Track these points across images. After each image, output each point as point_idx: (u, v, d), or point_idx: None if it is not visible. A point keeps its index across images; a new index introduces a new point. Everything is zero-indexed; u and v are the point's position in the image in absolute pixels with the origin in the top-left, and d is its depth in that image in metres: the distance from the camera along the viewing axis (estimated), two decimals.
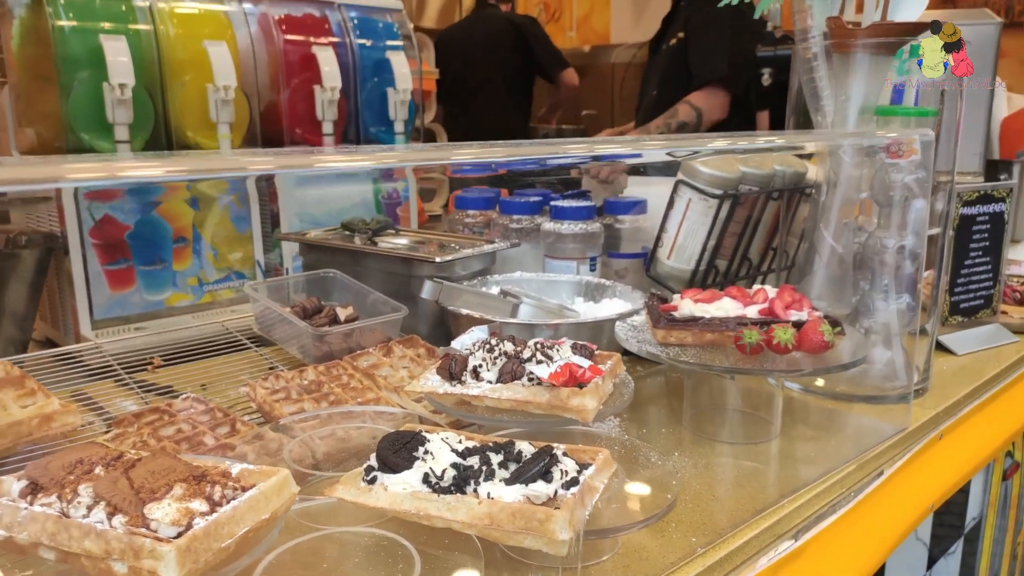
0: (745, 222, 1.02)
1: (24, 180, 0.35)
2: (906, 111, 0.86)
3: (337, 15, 1.82)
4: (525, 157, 0.57)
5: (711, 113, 2.15)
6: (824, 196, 0.93)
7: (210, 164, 0.45)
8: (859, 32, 0.83)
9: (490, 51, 3.49)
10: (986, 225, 1.11)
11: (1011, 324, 1.18)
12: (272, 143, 1.77)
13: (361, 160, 0.47)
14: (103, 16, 1.49)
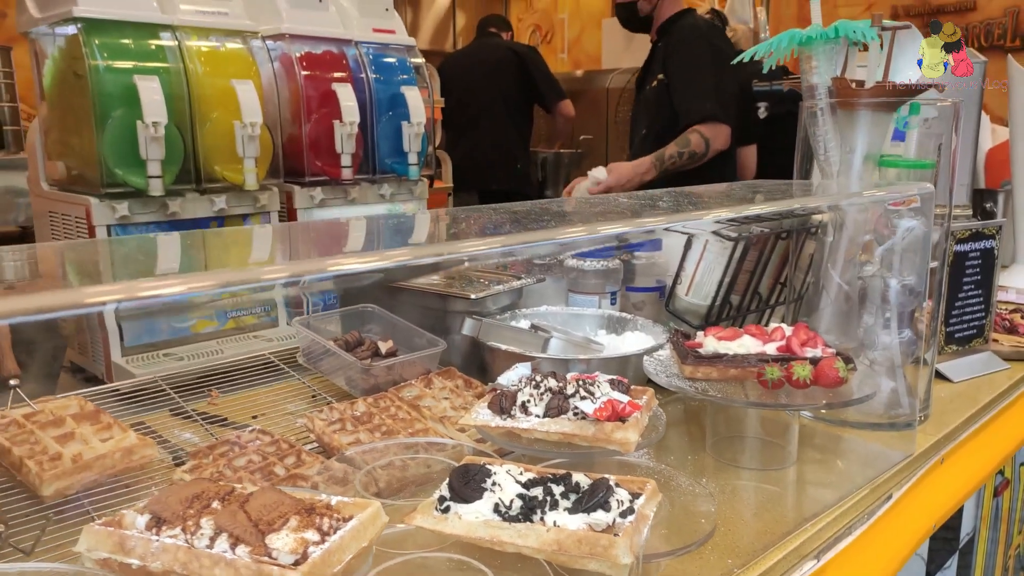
0: (757, 259, 1.10)
1: (47, 308, 0.38)
2: (906, 163, 0.94)
3: (354, 52, 1.90)
4: (546, 241, 0.63)
5: (716, 143, 2.23)
6: (831, 237, 1.01)
7: (242, 276, 0.48)
8: (862, 92, 0.91)
9: (492, 78, 3.57)
10: (978, 260, 1.19)
11: (1002, 352, 1.26)
12: (294, 174, 1.84)
13: (375, 261, 0.50)
14: (136, 56, 1.55)
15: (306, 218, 1.84)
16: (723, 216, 0.74)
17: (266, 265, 0.54)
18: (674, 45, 2.36)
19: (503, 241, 0.56)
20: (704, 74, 2.29)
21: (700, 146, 2.24)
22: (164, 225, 1.61)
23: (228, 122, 1.62)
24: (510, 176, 3.57)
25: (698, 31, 2.34)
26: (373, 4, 1.95)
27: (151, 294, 0.45)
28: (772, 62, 0.99)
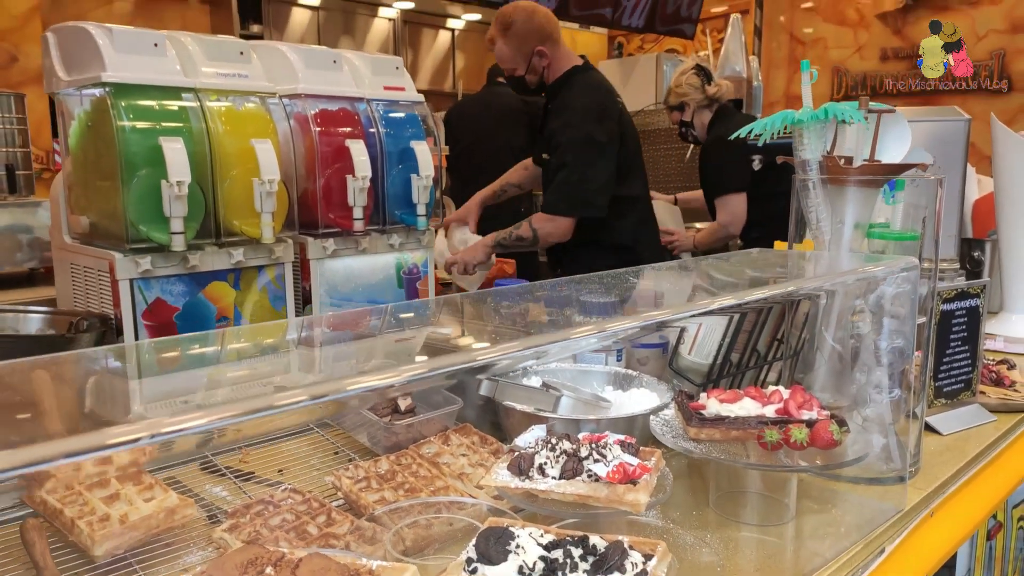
0: (755, 320, 1.16)
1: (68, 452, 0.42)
2: (893, 236, 1.01)
3: (366, 108, 1.98)
4: (561, 340, 0.70)
5: (549, 235, 2.62)
6: (825, 301, 1.07)
7: (260, 404, 0.54)
8: (850, 170, 0.98)
9: (499, 127, 3.67)
10: (964, 318, 1.26)
11: (989, 404, 1.32)
12: (307, 226, 1.91)
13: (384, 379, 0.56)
14: (161, 117, 1.63)
15: (319, 268, 1.90)
16: (729, 303, 0.80)
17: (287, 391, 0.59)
18: (555, 131, 2.54)
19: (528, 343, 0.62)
20: (568, 170, 2.51)
21: (528, 234, 2.60)
22: (184, 278, 1.68)
23: (247, 179, 1.69)
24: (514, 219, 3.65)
25: (575, 117, 2.51)
26: (384, 63, 2.03)
27: (176, 428, 0.51)
28: (766, 137, 1.07)
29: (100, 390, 0.66)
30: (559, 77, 2.60)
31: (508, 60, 2.60)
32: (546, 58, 2.59)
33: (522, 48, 2.56)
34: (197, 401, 0.66)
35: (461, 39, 7.45)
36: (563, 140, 2.53)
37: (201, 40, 1.72)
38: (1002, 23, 6.23)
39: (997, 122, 1.80)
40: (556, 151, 2.55)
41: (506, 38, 2.57)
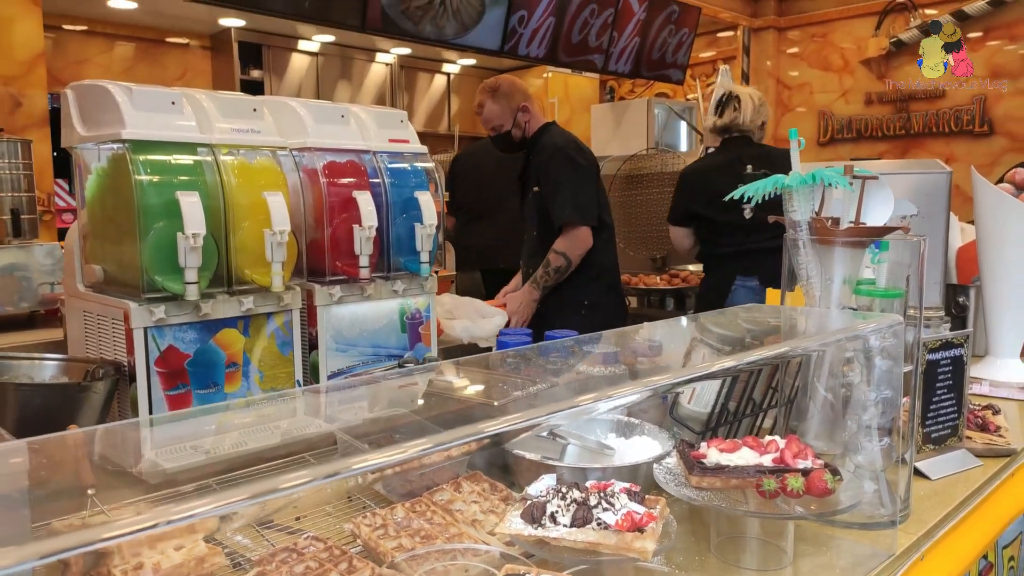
0: (751, 370, 1.22)
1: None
2: (879, 293, 1.08)
3: (372, 160, 2.05)
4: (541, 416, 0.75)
5: (576, 249, 2.91)
6: (816, 354, 1.13)
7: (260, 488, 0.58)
8: (837, 232, 1.05)
9: (502, 172, 3.77)
10: (949, 367, 1.32)
11: (975, 449, 1.38)
12: (315, 274, 1.97)
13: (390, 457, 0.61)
14: (178, 172, 1.69)
15: (325, 314, 1.95)
16: (733, 365, 0.86)
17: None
18: (543, 162, 2.93)
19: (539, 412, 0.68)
20: (564, 186, 2.87)
21: (560, 261, 2.88)
22: (196, 325, 1.72)
23: (259, 230, 1.75)
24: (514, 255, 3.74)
25: (558, 147, 2.94)
26: (389, 117, 2.11)
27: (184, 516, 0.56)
28: (757, 199, 1.14)
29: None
30: (537, 131, 3.04)
31: (497, 118, 2.99)
32: (528, 114, 3.01)
33: (510, 105, 2.96)
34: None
35: (456, 83, 7.61)
36: (551, 167, 2.91)
37: (216, 97, 1.79)
38: (982, 69, 6.42)
39: (977, 175, 1.89)
40: (547, 178, 2.92)
41: (495, 99, 2.97)
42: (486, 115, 3.00)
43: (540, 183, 2.95)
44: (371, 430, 1.34)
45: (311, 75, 6.46)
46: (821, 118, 7.18)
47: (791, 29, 7.23)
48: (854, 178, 1.06)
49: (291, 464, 1.26)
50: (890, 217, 1.95)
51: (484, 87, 3.01)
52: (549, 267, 2.88)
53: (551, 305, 2.97)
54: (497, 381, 1.31)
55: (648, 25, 5.81)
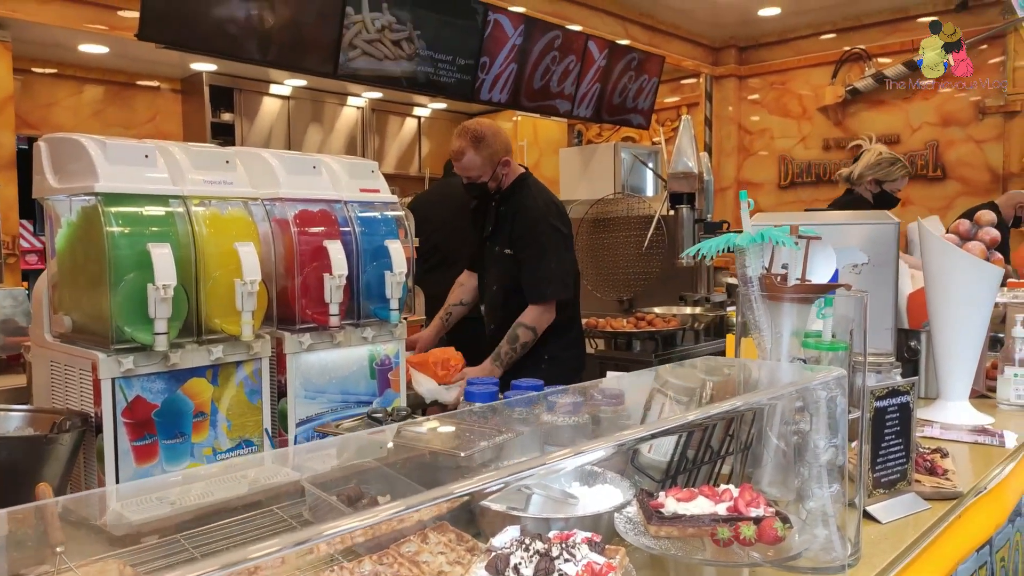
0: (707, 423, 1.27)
1: None
2: (825, 346, 1.14)
3: (343, 209, 2.09)
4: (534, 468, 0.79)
5: (543, 323, 2.82)
6: (768, 405, 1.19)
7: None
8: (784, 288, 1.11)
9: (459, 216, 3.82)
10: (896, 413, 1.38)
11: (923, 492, 1.43)
12: (285, 321, 1.99)
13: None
14: (149, 223, 1.72)
15: (294, 362, 1.97)
16: (687, 421, 0.91)
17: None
18: (523, 229, 2.84)
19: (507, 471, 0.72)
20: (544, 260, 2.80)
21: (529, 336, 2.77)
22: (164, 375, 1.73)
23: (229, 279, 1.78)
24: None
25: (540, 215, 2.86)
26: (360, 167, 2.16)
27: None
28: (711, 256, 1.20)
29: None
30: (512, 183, 2.95)
31: (476, 169, 2.89)
32: (508, 167, 2.92)
33: (492, 159, 2.87)
34: None
35: (427, 126, 7.73)
36: (532, 237, 2.82)
37: (189, 150, 1.83)
38: (934, 117, 6.70)
39: (924, 226, 1.99)
40: (530, 245, 2.82)
41: (478, 150, 2.86)
42: (465, 163, 2.89)
43: (516, 247, 2.85)
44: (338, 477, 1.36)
45: (282, 118, 6.51)
46: (781, 162, 7.40)
47: (751, 77, 7.49)
48: (799, 238, 1.13)
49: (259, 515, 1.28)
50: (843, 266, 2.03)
51: (467, 133, 2.90)
52: (516, 343, 2.77)
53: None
54: (464, 431, 1.34)
55: (608, 72, 5.99)
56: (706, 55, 7.27)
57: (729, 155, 7.54)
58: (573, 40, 5.59)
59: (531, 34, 5.24)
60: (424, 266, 3.82)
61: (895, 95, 6.75)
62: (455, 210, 3.86)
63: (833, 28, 6.89)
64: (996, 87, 6.38)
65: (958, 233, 2.03)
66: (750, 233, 1.14)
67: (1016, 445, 1.84)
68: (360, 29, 4.28)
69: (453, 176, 4.36)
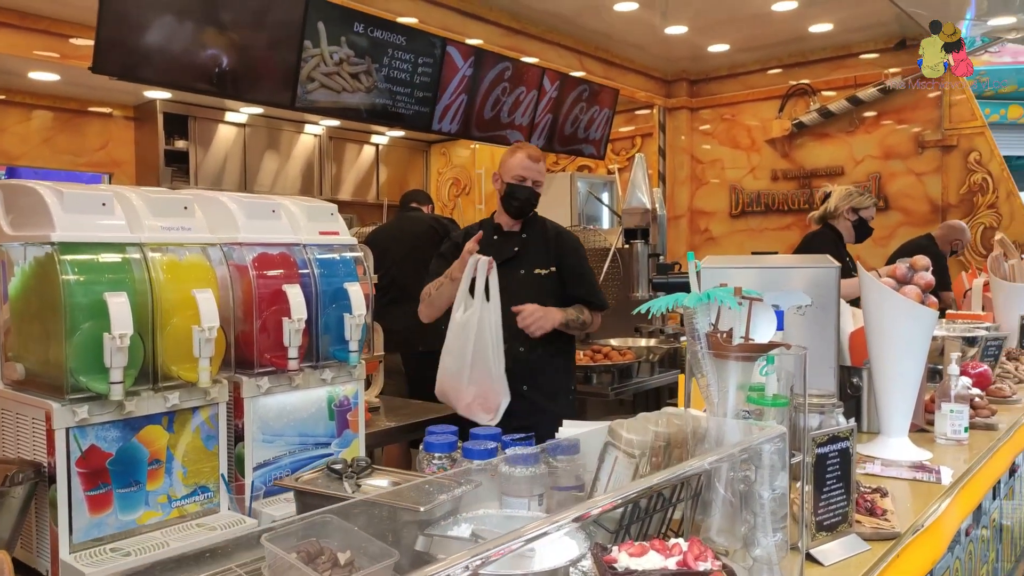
0: (659, 465, 1.32)
1: None
2: (767, 402, 1.20)
3: (302, 253, 2.11)
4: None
5: (595, 327, 3.06)
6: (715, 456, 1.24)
7: None
8: (729, 347, 1.17)
9: (416, 251, 3.87)
10: (837, 458, 1.45)
11: (864, 533, 1.50)
12: (243, 364, 1.99)
13: None
14: (106, 271, 1.71)
15: (252, 405, 1.97)
16: (635, 490, 0.95)
17: None
18: (568, 246, 3.04)
19: None
20: (592, 275, 3.08)
21: (590, 323, 2.97)
22: (119, 423, 1.72)
23: (187, 327, 1.78)
24: (436, 338, 3.78)
25: (573, 235, 3.13)
26: (319, 210, 2.19)
27: None
28: (656, 313, 1.25)
29: None
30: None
31: (543, 181, 3.02)
32: None
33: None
34: None
35: (385, 153, 7.75)
36: (582, 251, 3.11)
37: (147, 197, 1.83)
38: (876, 150, 6.97)
39: (863, 271, 2.08)
40: (584, 260, 3.05)
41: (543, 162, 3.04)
42: (541, 168, 2.97)
43: (566, 264, 2.98)
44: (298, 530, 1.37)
45: (238, 146, 6.48)
46: (732, 192, 7.60)
47: (703, 109, 7.70)
48: (742, 299, 1.19)
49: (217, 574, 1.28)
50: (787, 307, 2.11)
51: (540, 155, 3.01)
52: (581, 318, 2.92)
53: (544, 390, 2.97)
54: (423, 483, 1.37)
55: (560, 103, 6.11)
56: (659, 87, 7.46)
57: (683, 184, 7.73)
58: (524, 71, 5.70)
59: (481, 65, 5.33)
60: (383, 300, 3.83)
61: (839, 128, 7.01)
62: (412, 245, 3.90)
63: (779, 64, 7.14)
64: (934, 123, 6.68)
65: (894, 277, 2.14)
66: (697, 293, 1.20)
67: (952, 481, 1.93)
68: (318, 62, 4.31)
69: (411, 210, 4.41)
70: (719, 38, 6.49)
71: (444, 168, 8.20)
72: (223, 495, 1.93)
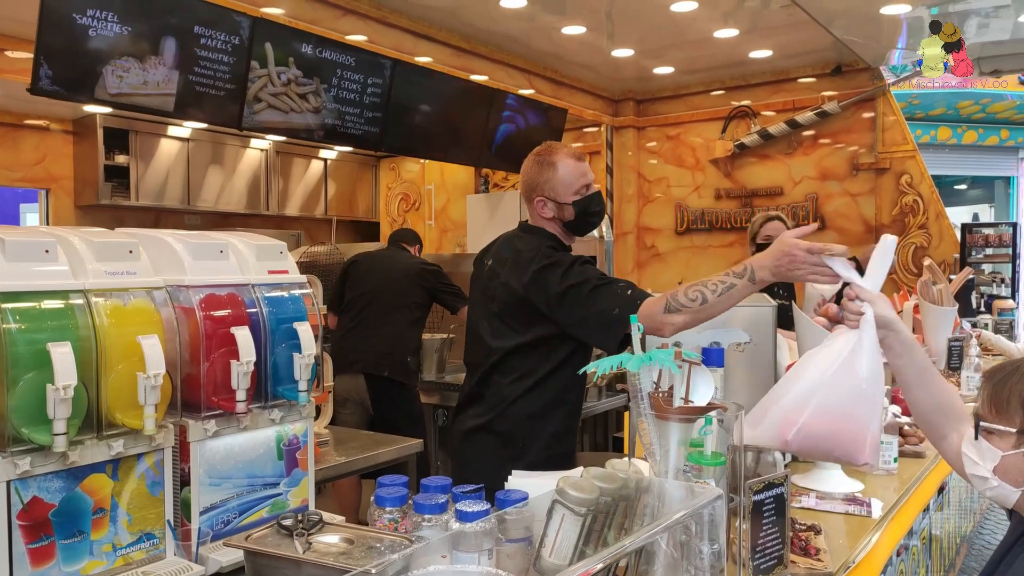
0: (604, 519, 1.36)
1: None
2: (705, 461, 1.25)
3: (251, 294, 2.10)
4: None
5: None
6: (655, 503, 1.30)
7: None
8: (670, 409, 1.23)
9: (398, 287, 3.94)
10: (772, 504, 1.52)
11: (798, 574, 1.58)
12: (189, 407, 1.97)
13: None
14: (48, 319, 1.68)
15: (199, 449, 1.95)
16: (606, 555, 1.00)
17: None
18: None
19: None
20: None
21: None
22: (62, 474, 1.69)
23: (131, 373, 1.76)
24: (400, 369, 3.82)
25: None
26: (268, 249, 2.18)
27: None
28: (601, 373, 1.30)
29: None
30: None
31: None
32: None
33: None
34: None
35: (333, 168, 7.69)
36: None
37: (91, 242, 1.80)
38: (813, 171, 7.21)
39: (798, 311, 2.18)
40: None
41: None
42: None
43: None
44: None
45: (181, 161, 6.35)
46: (678, 209, 7.77)
47: (649, 127, 7.85)
48: (682, 361, 1.25)
49: None
50: (727, 345, 2.19)
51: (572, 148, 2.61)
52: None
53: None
54: (374, 541, 1.39)
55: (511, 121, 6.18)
56: (606, 106, 7.59)
57: (630, 201, 7.86)
58: (474, 91, 5.75)
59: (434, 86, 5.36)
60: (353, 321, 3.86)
61: (779, 150, 7.24)
62: (397, 282, 3.94)
63: (722, 86, 7.34)
64: (868, 146, 6.95)
65: (827, 316, 2.23)
66: (640, 356, 1.25)
67: (882, 513, 2.03)
68: (266, 83, 4.27)
69: (397, 248, 4.48)
70: (664, 61, 6.64)
71: (393, 183, 8.18)
72: (169, 541, 1.90)
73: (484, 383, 2.38)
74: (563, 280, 2.12)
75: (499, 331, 2.31)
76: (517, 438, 2.30)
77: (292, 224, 7.27)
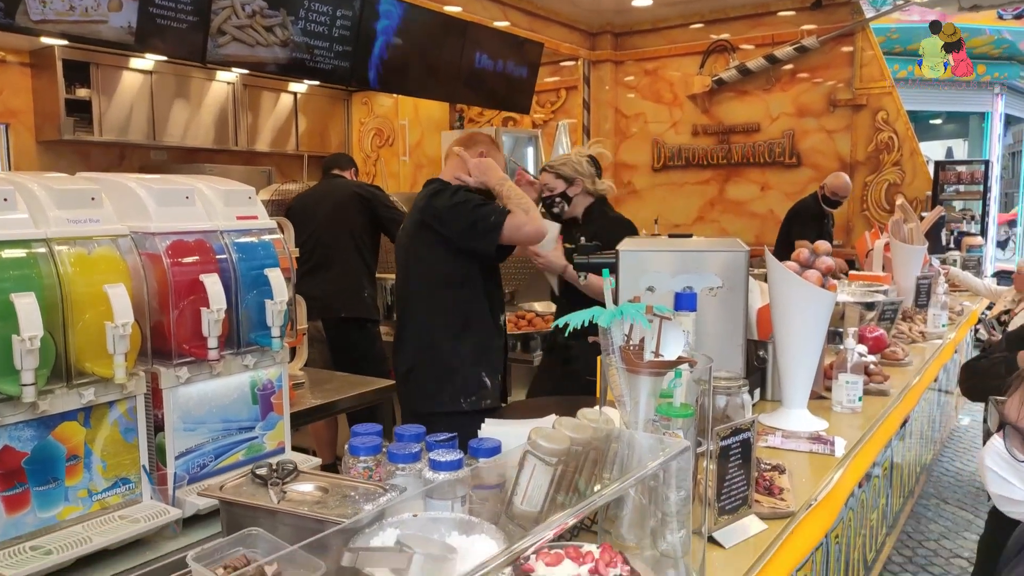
0: (576, 466, 1.39)
1: None
2: (675, 412, 1.27)
3: (219, 240, 2.06)
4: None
5: None
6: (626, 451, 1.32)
7: None
8: (640, 364, 1.24)
9: (338, 218, 3.81)
10: (739, 448, 1.55)
11: (762, 513, 1.63)
12: (160, 355, 1.95)
13: None
14: (10, 267, 1.64)
15: (172, 395, 1.94)
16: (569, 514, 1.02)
17: None
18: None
19: None
20: None
21: None
22: (33, 422, 1.68)
23: (99, 322, 1.73)
24: (358, 304, 3.77)
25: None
26: (237, 194, 2.13)
27: None
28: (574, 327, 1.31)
29: None
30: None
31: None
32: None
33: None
34: None
35: (303, 102, 7.49)
36: None
37: (51, 189, 1.75)
38: (791, 107, 7.16)
39: (770, 255, 2.19)
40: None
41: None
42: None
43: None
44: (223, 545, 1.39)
45: (144, 95, 6.14)
46: (655, 145, 7.72)
47: (626, 62, 7.72)
48: (653, 316, 1.25)
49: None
50: (700, 289, 2.21)
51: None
52: None
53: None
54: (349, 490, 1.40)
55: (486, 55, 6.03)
56: (584, 40, 7.42)
57: (607, 136, 7.78)
58: (447, 23, 5.58)
59: (407, 18, 5.19)
60: (304, 267, 3.78)
61: (757, 86, 7.16)
62: (336, 212, 3.84)
63: (701, 19, 7.20)
64: (845, 82, 6.91)
65: (798, 261, 2.25)
66: (612, 309, 1.25)
67: (844, 452, 2.09)
68: (230, 14, 4.11)
69: (331, 178, 4.31)
70: None
71: (366, 118, 8.00)
72: (145, 486, 1.92)
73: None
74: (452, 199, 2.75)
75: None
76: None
77: (262, 160, 7.11)
